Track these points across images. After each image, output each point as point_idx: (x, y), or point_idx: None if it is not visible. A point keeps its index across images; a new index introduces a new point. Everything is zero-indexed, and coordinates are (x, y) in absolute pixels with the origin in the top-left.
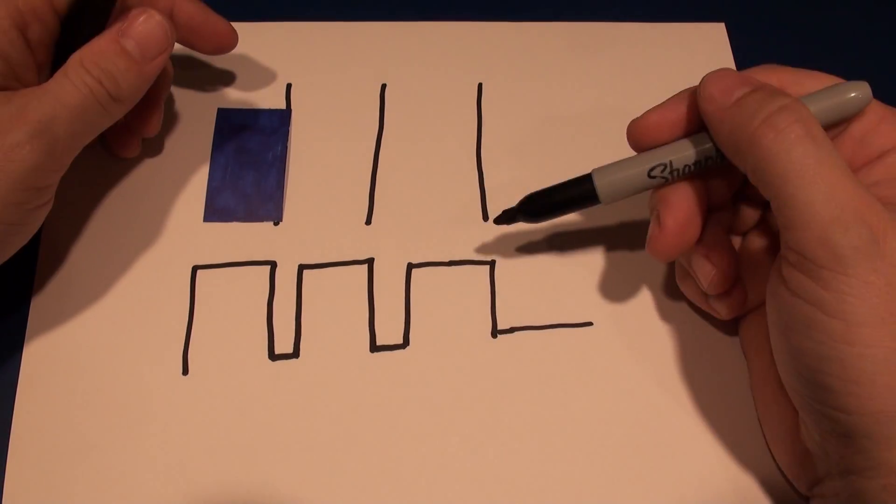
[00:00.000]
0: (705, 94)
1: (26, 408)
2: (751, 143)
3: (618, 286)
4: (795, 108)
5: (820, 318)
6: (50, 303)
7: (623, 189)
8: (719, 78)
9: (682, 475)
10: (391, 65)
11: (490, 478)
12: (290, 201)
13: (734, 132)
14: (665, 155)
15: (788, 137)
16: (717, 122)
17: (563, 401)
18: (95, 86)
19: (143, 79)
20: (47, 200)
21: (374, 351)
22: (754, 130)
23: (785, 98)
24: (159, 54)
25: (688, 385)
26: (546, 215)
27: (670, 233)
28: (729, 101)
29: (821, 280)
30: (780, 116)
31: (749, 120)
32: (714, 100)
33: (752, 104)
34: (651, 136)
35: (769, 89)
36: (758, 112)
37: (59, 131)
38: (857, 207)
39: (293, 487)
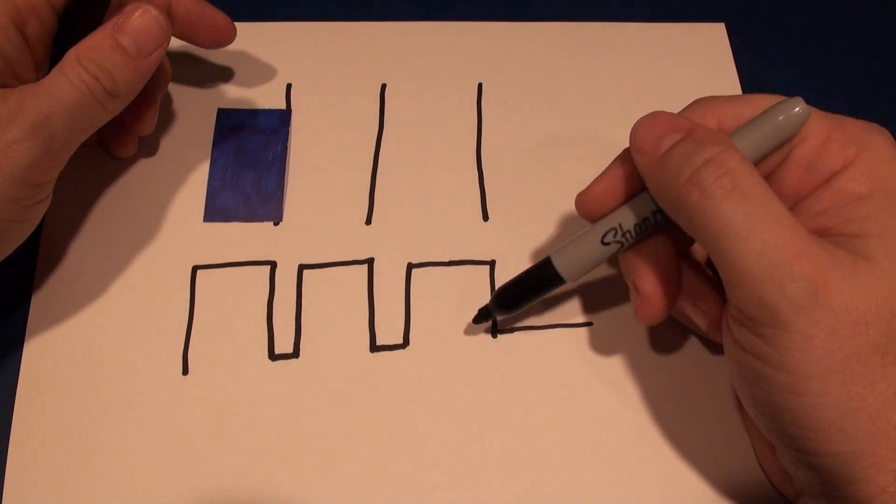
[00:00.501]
0: (634, 145)
1: (26, 408)
2: (678, 201)
3: (618, 286)
4: (720, 159)
5: (768, 371)
6: (50, 303)
7: (584, 264)
8: (647, 127)
9: (681, 475)
10: (391, 65)
11: (490, 478)
12: (290, 201)
13: (662, 189)
14: (614, 220)
15: (714, 195)
16: (646, 177)
17: (563, 401)
18: (92, 82)
19: (140, 74)
20: (45, 197)
21: (374, 351)
22: (679, 190)
23: (712, 147)
24: (155, 49)
25: (688, 385)
26: (519, 305)
27: (650, 297)
28: (657, 153)
29: (763, 336)
30: (704, 172)
31: (674, 178)
32: (643, 152)
33: (678, 158)
34: (600, 206)
35: (696, 137)
36: (683, 168)
37: (56, 128)
38: (791, 261)
39: (293, 487)
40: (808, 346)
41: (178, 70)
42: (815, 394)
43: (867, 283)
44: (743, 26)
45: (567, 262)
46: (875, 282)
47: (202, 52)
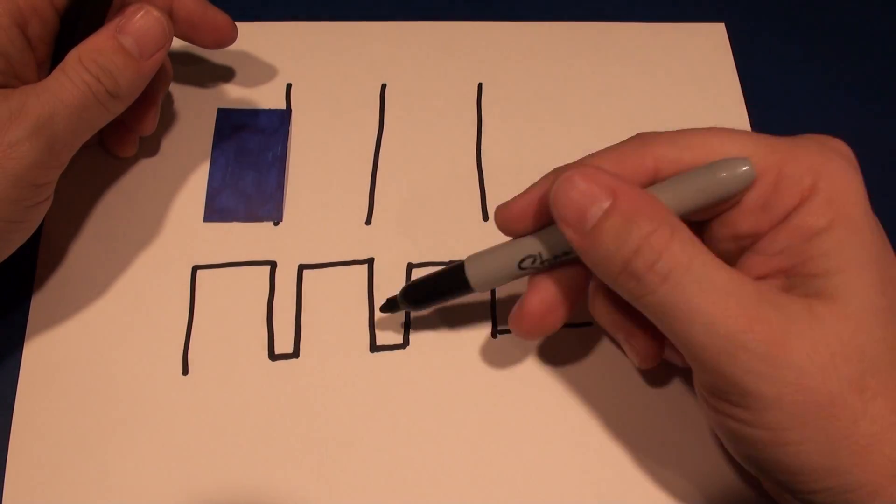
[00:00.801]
0: (558, 215)
1: (26, 408)
2: (618, 289)
3: None
4: (650, 244)
5: (746, 430)
6: (50, 303)
7: (495, 279)
8: (567, 194)
9: (681, 475)
10: (391, 65)
11: (490, 478)
12: (290, 201)
13: (597, 269)
14: (535, 246)
15: (651, 283)
16: (577, 251)
17: (563, 401)
18: (93, 83)
19: (141, 75)
20: (46, 197)
21: (374, 351)
22: (616, 277)
23: (641, 227)
24: (157, 50)
25: (687, 385)
26: (426, 303)
27: (528, 316)
28: (585, 227)
29: (733, 403)
30: (637, 262)
31: (608, 264)
32: (569, 224)
33: (608, 243)
34: (518, 223)
35: (623, 212)
36: (615, 256)
37: (58, 128)
38: (741, 330)
39: (293, 487)
40: (778, 405)
41: (178, 70)
42: (796, 443)
43: (828, 327)
44: (743, 26)
45: (478, 272)
46: (837, 323)
47: (203, 52)
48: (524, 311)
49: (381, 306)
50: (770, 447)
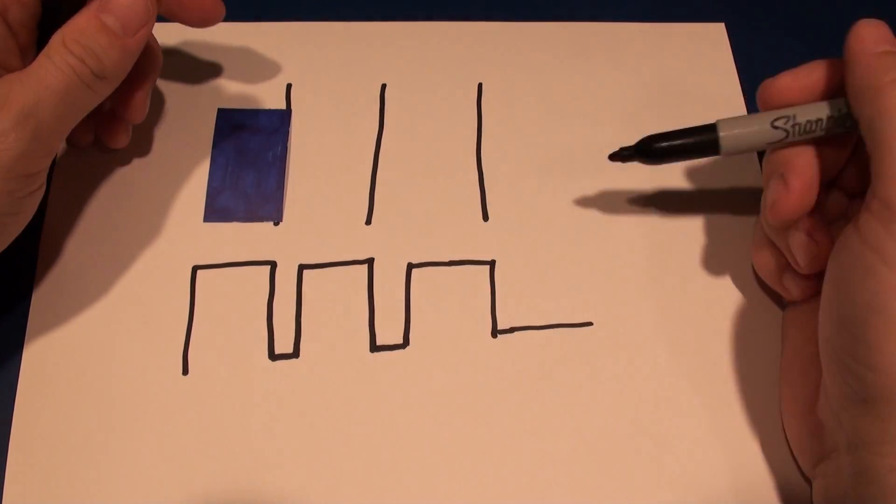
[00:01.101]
0: (858, 32)
1: (26, 408)
2: (875, 92)
3: (618, 286)
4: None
5: (880, 268)
6: (50, 303)
7: (746, 139)
8: (875, 27)
9: (682, 475)
10: (391, 65)
11: (490, 478)
12: (290, 201)
13: (865, 77)
14: (790, 110)
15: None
16: (855, 61)
17: (563, 401)
18: (78, 65)
19: (127, 54)
20: (38, 187)
21: (374, 351)
22: (883, 84)
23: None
24: (141, 28)
25: (687, 385)
26: (663, 158)
27: (797, 194)
28: (874, 49)
29: (892, 230)
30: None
31: (882, 73)
32: (863, 40)
33: (889, 62)
34: (781, 97)
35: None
36: (891, 70)
37: (44, 115)
38: None
39: (293, 487)
40: None
41: (178, 70)
42: None
43: None
44: (743, 26)
45: (731, 130)
46: None
47: (202, 52)
48: (791, 192)
49: (612, 154)
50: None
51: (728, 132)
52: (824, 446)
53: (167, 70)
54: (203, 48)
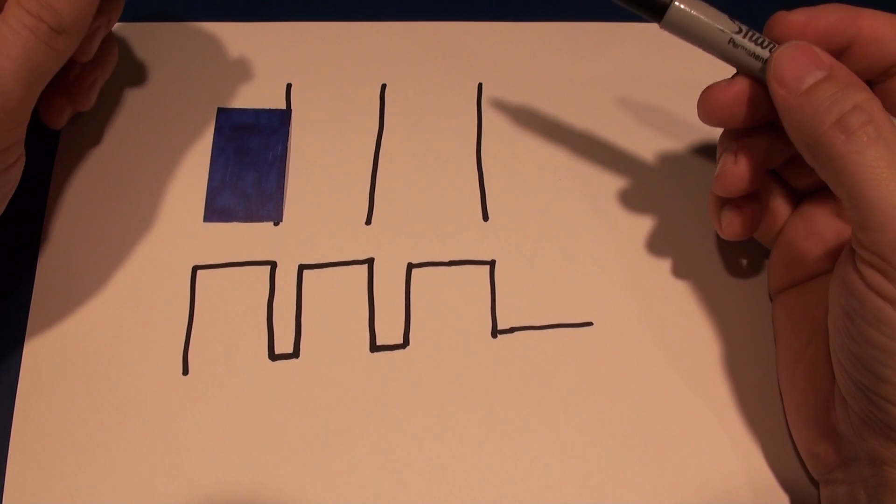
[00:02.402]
0: (775, 74)
1: (26, 408)
2: (820, 143)
3: (618, 286)
4: (867, 107)
5: (891, 313)
6: (50, 303)
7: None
8: (791, 58)
9: (682, 475)
10: (391, 65)
11: (490, 478)
12: (290, 201)
13: (803, 128)
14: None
15: (860, 141)
16: (785, 110)
17: (563, 401)
18: (35, 23)
19: (84, 3)
20: (15, 159)
21: (374, 351)
22: (825, 132)
23: (857, 94)
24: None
25: (688, 385)
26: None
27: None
28: (799, 88)
29: (891, 277)
30: (852, 118)
31: (819, 119)
32: (784, 82)
33: (823, 99)
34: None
35: (842, 79)
36: (829, 110)
37: (7, 85)
38: None
39: (293, 487)
40: None
41: (178, 70)
42: None
43: None
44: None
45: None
46: None
47: (202, 52)
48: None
49: None
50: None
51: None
52: (841, 454)
53: (167, 70)
54: (203, 48)
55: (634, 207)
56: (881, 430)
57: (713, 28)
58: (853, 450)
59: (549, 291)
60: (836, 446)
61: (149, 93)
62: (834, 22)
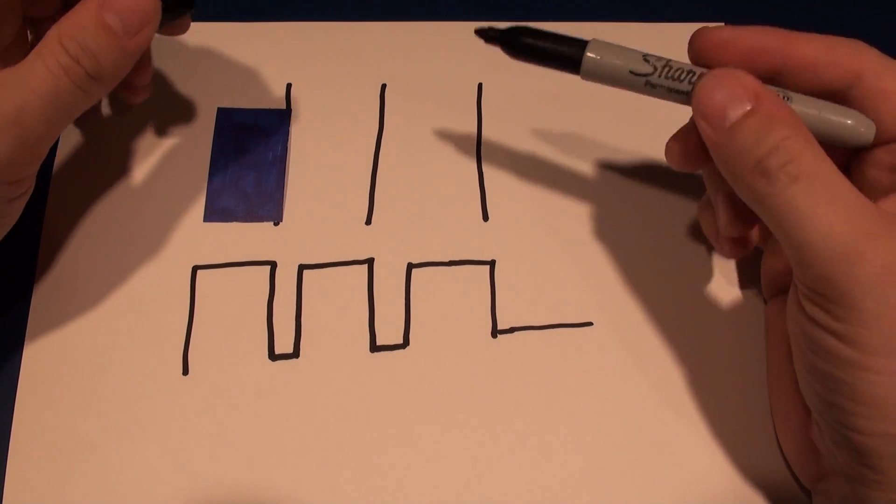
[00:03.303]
0: (699, 110)
1: (26, 408)
2: (745, 184)
3: (618, 286)
4: (786, 146)
5: (834, 344)
6: (50, 303)
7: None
8: (713, 90)
9: (681, 475)
10: (391, 65)
11: (490, 478)
12: (290, 201)
13: (728, 167)
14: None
15: (780, 182)
16: (711, 146)
17: (563, 401)
18: (72, 66)
19: (126, 56)
20: (25, 191)
21: (374, 351)
22: (746, 176)
23: (778, 129)
24: (143, 28)
25: (687, 385)
26: (524, 55)
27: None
28: (723, 125)
29: (831, 313)
30: (771, 160)
31: (742, 162)
32: (708, 118)
33: (745, 141)
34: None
35: (764, 113)
36: (751, 153)
37: (30, 122)
38: (858, 241)
39: (293, 487)
40: (876, 325)
41: (178, 70)
42: (878, 371)
43: None
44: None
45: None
46: None
47: (202, 51)
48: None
49: (479, 29)
50: (852, 369)
51: (596, 53)
52: (821, 467)
53: (167, 70)
54: (203, 48)
55: (634, 207)
56: (849, 453)
57: (625, 74)
58: (831, 465)
59: (549, 291)
60: (816, 459)
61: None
62: (763, 44)
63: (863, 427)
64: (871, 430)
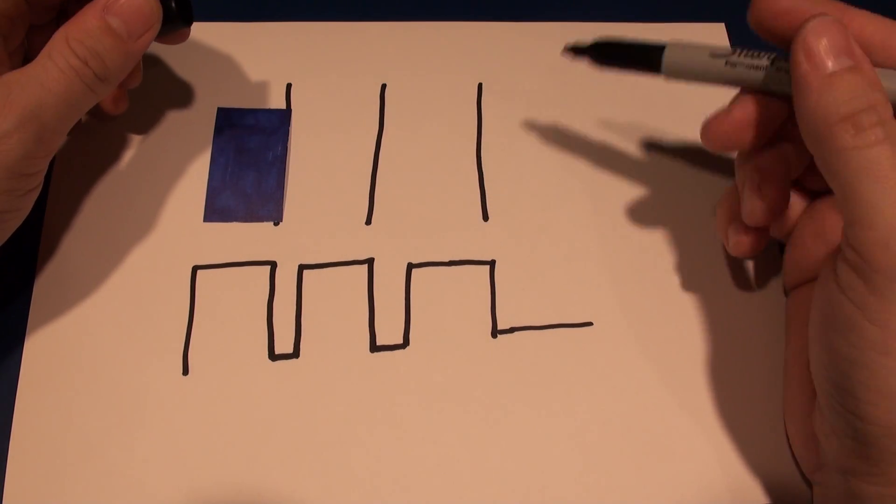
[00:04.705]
0: (806, 44)
1: (26, 408)
2: (828, 134)
3: (618, 286)
4: (881, 109)
5: (861, 321)
6: (50, 303)
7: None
8: (823, 32)
9: (682, 475)
10: (391, 65)
11: (490, 478)
12: (290, 201)
13: (816, 112)
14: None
15: (868, 139)
16: (804, 87)
17: (563, 401)
18: (81, 67)
19: (130, 57)
20: (37, 185)
21: (374, 351)
22: (834, 123)
23: (875, 93)
24: (146, 31)
25: (688, 385)
26: (610, 64)
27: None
28: (825, 69)
29: (871, 283)
30: (864, 116)
31: (835, 108)
32: (812, 56)
33: (844, 90)
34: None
35: (865, 78)
36: (844, 105)
37: (47, 117)
38: None
39: (293, 487)
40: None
41: (178, 70)
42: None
43: None
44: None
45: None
46: None
47: (202, 51)
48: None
49: (566, 47)
50: (872, 351)
51: (673, 54)
52: (820, 456)
53: (167, 70)
54: (203, 48)
55: (634, 207)
56: (849, 442)
57: (706, 58)
58: (825, 457)
59: (549, 291)
60: (817, 448)
61: (149, 92)
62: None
63: (871, 416)
64: (878, 421)
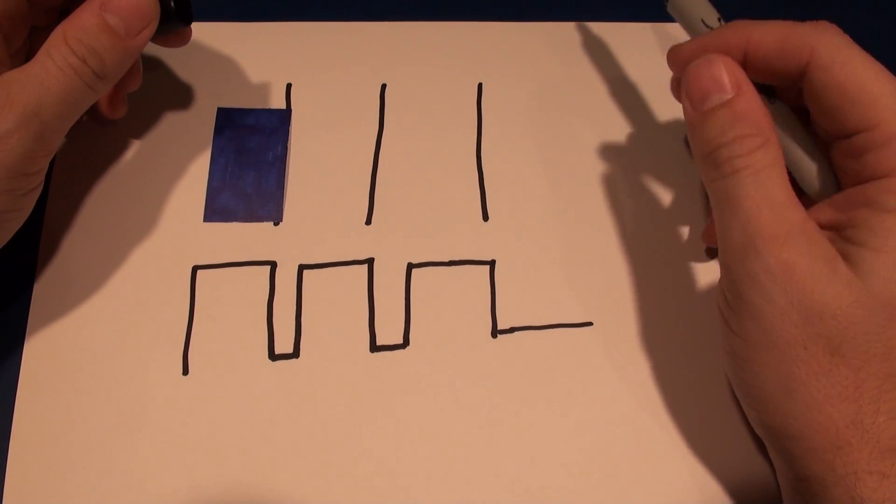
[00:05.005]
0: (685, 87)
1: (27, 408)
2: (700, 167)
3: (618, 286)
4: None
5: (730, 335)
6: (50, 303)
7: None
8: (698, 76)
9: (681, 475)
10: (391, 65)
11: (490, 477)
12: (290, 201)
13: (695, 146)
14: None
15: (722, 170)
16: (687, 122)
17: (563, 400)
18: (80, 65)
19: (128, 55)
20: (38, 184)
21: (374, 351)
22: (703, 157)
23: (743, 127)
24: (143, 28)
25: (688, 385)
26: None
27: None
28: (701, 108)
29: (728, 302)
30: (723, 150)
31: (703, 145)
32: (691, 96)
33: (713, 127)
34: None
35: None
36: (714, 139)
37: (47, 116)
38: (765, 239)
39: (293, 487)
40: (759, 318)
41: (178, 70)
42: (759, 363)
43: (838, 287)
44: None
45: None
46: (845, 288)
47: (202, 51)
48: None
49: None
50: (740, 360)
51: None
52: None
53: (167, 70)
54: (203, 48)
55: (635, 207)
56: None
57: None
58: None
59: (549, 291)
60: None
61: (149, 93)
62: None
63: (753, 419)
64: (755, 420)
